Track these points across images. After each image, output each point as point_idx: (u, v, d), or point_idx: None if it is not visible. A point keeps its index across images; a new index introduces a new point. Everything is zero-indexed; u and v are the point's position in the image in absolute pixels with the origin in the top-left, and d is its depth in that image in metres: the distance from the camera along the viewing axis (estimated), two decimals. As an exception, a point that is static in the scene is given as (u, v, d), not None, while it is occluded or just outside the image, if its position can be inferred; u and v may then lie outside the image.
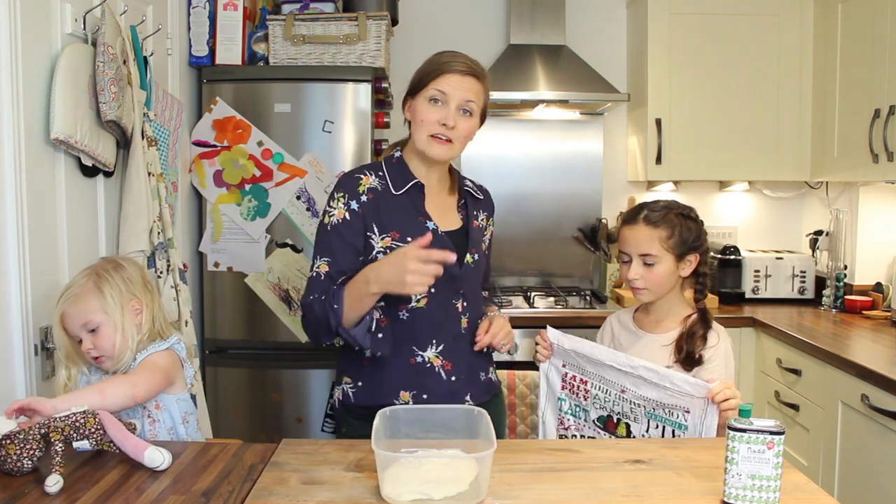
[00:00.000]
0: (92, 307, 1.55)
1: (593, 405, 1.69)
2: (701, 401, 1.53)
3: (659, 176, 3.16)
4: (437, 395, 1.67)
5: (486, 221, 1.85)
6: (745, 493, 1.20)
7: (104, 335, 1.55)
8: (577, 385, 1.72)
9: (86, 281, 1.58)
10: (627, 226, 1.80)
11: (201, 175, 2.78)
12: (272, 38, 2.82)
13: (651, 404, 1.60)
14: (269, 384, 2.82)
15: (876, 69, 2.59)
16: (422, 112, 1.65)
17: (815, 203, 3.41)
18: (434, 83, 1.64)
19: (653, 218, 1.75)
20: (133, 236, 2.10)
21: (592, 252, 3.42)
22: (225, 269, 2.82)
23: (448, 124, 1.63)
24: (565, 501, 1.24)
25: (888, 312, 2.83)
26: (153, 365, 1.57)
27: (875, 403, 2.06)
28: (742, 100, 3.13)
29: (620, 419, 1.64)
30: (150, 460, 1.33)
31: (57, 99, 1.78)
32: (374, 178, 1.70)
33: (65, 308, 1.56)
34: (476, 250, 1.74)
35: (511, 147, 3.42)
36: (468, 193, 1.81)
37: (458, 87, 1.64)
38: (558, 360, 1.76)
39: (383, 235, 1.66)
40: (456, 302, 1.71)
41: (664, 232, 1.73)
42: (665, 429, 1.59)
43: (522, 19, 3.25)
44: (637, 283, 1.76)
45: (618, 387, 1.64)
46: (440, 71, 1.64)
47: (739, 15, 3.11)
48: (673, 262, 1.74)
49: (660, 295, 1.77)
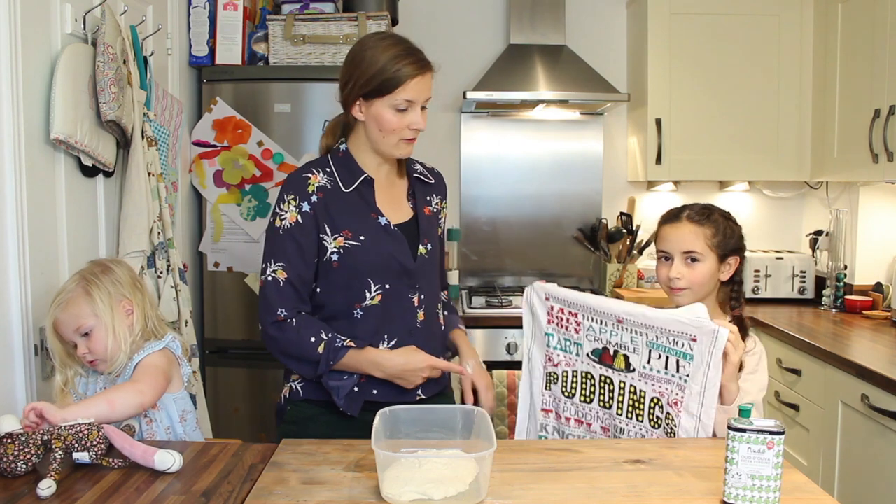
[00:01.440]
0: (83, 312, 1.56)
1: (587, 338, 1.60)
2: (710, 332, 1.44)
3: (659, 176, 3.16)
4: (384, 389, 1.65)
5: (439, 205, 1.82)
6: (745, 493, 1.20)
7: (97, 339, 1.56)
8: (565, 318, 1.63)
9: (75, 286, 1.59)
10: (670, 224, 1.73)
11: (201, 175, 2.78)
12: (272, 38, 2.82)
13: (654, 332, 1.51)
14: (269, 384, 2.82)
15: (876, 69, 2.59)
16: (389, 121, 1.61)
17: (815, 203, 3.41)
18: (401, 92, 1.58)
19: (697, 217, 1.71)
20: (133, 236, 2.10)
21: (592, 252, 3.42)
22: (225, 269, 2.83)
23: (421, 128, 1.63)
24: (565, 501, 1.24)
25: (888, 312, 2.83)
26: (153, 368, 1.57)
27: (875, 403, 2.06)
28: (742, 100, 3.13)
29: (618, 351, 1.56)
30: (161, 463, 1.33)
31: (57, 99, 1.78)
32: (322, 175, 1.67)
33: (56, 314, 1.57)
34: (429, 240, 1.72)
35: (511, 147, 3.42)
36: (417, 180, 1.78)
37: (423, 89, 1.62)
38: (542, 293, 1.68)
39: (335, 235, 1.64)
40: (412, 296, 1.68)
41: (709, 230, 1.68)
42: (669, 359, 1.50)
43: (522, 19, 3.25)
44: (679, 282, 1.67)
45: (613, 316, 1.56)
46: (404, 78, 1.58)
47: (739, 15, 3.11)
48: (715, 263, 1.68)
49: (700, 297, 1.68)
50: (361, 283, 1.64)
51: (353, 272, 1.64)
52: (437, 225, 1.79)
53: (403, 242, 1.67)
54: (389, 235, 1.66)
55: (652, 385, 1.53)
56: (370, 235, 1.64)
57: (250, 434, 2.79)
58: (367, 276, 1.64)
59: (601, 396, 1.59)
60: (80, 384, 1.62)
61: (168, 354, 1.62)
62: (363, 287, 1.64)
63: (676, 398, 1.49)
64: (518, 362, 2.83)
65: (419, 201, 1.75)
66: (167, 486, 1.28)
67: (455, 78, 3.33)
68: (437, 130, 3.36)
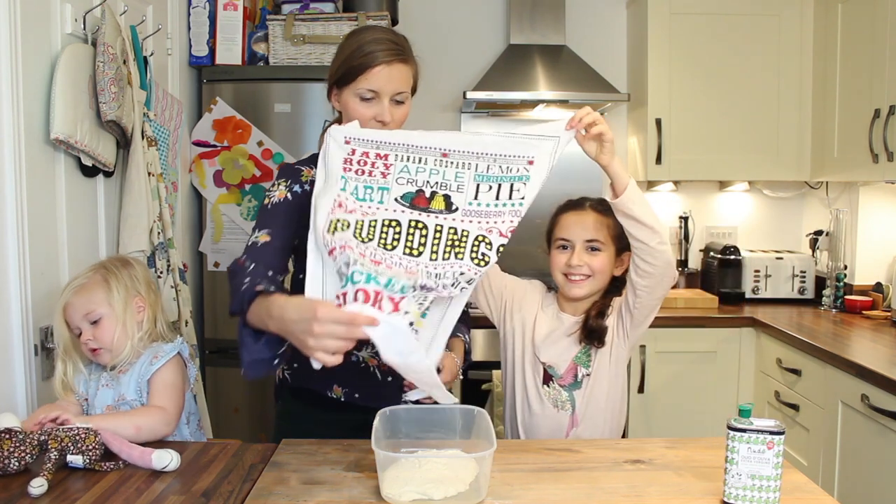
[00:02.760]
0: (97, 298, 1.56)
1: (396, 182, 1.36)
2: (551, 142, 1.38)
3: (659, 176, 3.16)
4: (369, 393, 1.63)
5: None
6: (745, 493, 1.20)
7: (105, 327, 1.55)
8: (370, 162, 1.38)
9: (93, 273, 1.59)
10: (573, 211, 1.75)
11: (201, 175, 2.78)
12: (272, 38, 2.82)
13: (485, 161, 1.37)
14: (269, 384, 2.81)
15: (876, 69, 2.59)
16: (353, 110, 1.54)
17: (815, 203, 3.41)
18: (363, 80, 1.51)
19: (601, 207, 1.70)
20: (133, 236, 2.10)
21: (592, 252, 3.42)
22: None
23: (385, 120, 1.53)
24: (565, 501, 1.24)
25: (888, 312, 2.83)
26: (172, 388, 1.57)
27: (875, 403, 2.06)
28: (742, 100, 3.13)
29: (436, 192, 1.36)
30: (159, 461, 1.33)
31: (57, 99, 1.78)
32: (316, 170, 1.61)
33: (69, 298, 1.56)
34: None
35: (511, 147, 3.42)
36: None
37: (389, 79, 1.52)
38: (340, 136, 1.42)
39: None
40: None
41: (611, 221, 1.65)
42: (501, 187, 1.38)
43: (522, 19, 3.24)
44: (582, 269, 1.67)
45: (437, 150, 1.38)
46: (367, 64, 1.51)
47: (739, 15, 3.11)
48: (613, 255, 1.69)
49: (596, 289, 1.69)
50: None
51: None
52: None
53: None
54: None
55: (478, 222, 1.35)
56: None
57: (250, 434, 2.79)
58: None
59: (408, 243, 1.33)
60: (81, 383, 1.60)
61: (179, 362, 1.62)
62: None
63: (511, 227, 1.37)
64: (518, 362, 2.84)
65: None
66: (167, 486, 1.28)
67: (455, 78, 3.33)
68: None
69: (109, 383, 1.59)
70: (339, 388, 1.65)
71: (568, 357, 1.69)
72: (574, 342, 1.69)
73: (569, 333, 1.70)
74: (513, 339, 1.77)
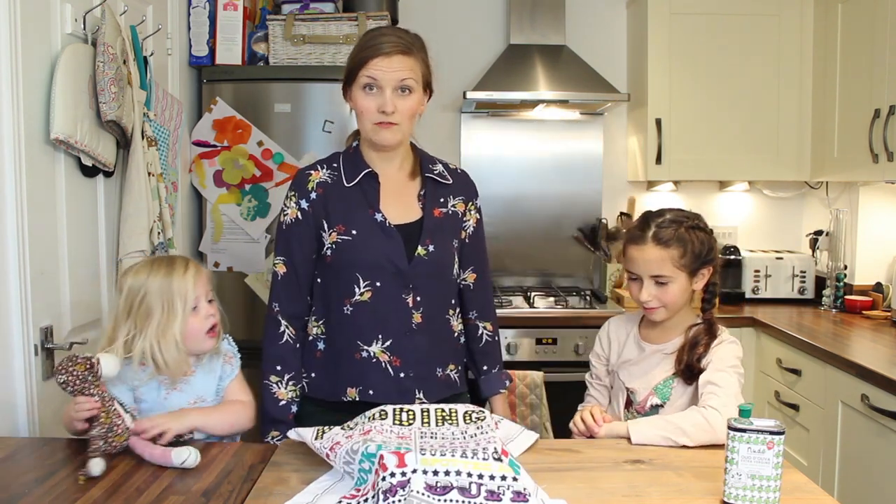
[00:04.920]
0: (207, 286, 1.59)
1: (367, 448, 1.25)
2: None
3: (659, 176, 3.16)
4: (383, 391, 1.64)
5: (461, 207, 1.74)
6: (745, 493, 1.20)
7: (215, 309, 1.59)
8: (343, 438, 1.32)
9: (189, 262, 1.59)
10: (635, 246, 1.66)
11: (201, 175, 2.78)
12: (272, 38, 2.82)
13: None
14: (269, 384, 2.82)
15: (876, 69, 2.59)
16: (359, 102, 1.61)
17: (815, 203, 3.41)
18: (364, 71, 1.58)
19: (663, 237, 1.63)
20: (133, 236, 2.10)
21: (592, 252, 3.42)
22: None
23: (387, 110, 1.58)
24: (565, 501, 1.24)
25: (888, 312, 2.83)
26: (243, 380, 1.66)
27: (875, 403, 2.06)
28: (742, 99, 3.13)
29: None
30: (178, 458, 1.35)
31: (57, 99, 1.78)
32: (326, 171, 1.68)
33: (203, 271, 1.59)
34: (432, 241, 1.66)
35: (511, 147, 3.42)
36: (430, 180, 1.71)
37: (389, 68, 1.57)
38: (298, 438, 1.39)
39: (331, 230, 1.64)
40: (406, 297, 1.65)
41: (676, 251, 1.62)
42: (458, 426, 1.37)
43: (522, 19, 3.25)
44: (651, 303, 1.65)
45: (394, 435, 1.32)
46: (367, 56, 1.58)
47: (739, 15, 3.11)
48: (686, 280, 1.65)
49: (674, 312, 1.68)
50: (350, 278, 1.63)
51: (342, 267, 1.64)
52: (451, 228, 1.72)
53: (399, 242, 1.63)
54: (384, 233, 1.63)
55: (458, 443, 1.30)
56: (362, 231, 1.63)
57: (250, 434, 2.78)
58: (357, 271, 1.63)
59: (396, 420, 1.39)
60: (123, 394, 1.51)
61: None
62: (352, 282, 1.63)
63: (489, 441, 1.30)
64: (518, 362, 2.84)
65: (429, 202, 1.70)
66: (167, 486, 1.28)
67: (455, 78, 3.33)
68: (437, 130, 3.36)
69: (178, 386, 1.54)
70: (353, 389, 1.66)
71: (648, 385, 1.68)
72: (655, 371, 1.68)
73: (651, 362, 1.70)
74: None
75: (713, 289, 1.70)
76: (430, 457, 1.18)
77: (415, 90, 1.61)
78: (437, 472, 1.16)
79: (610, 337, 1.82)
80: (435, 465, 1.17)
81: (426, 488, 1.14)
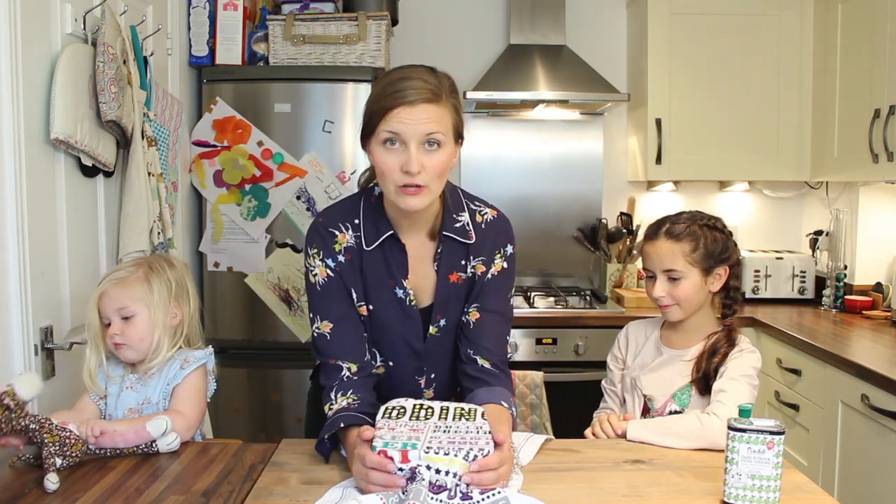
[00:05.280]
0: (135, 295, 1.52)
1: None
2: None
3: (659, 176, 3.16)
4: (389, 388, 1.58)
5: (481, 269, 1.53)
6: (745, 493, 1.20)
7: (136, 326, 1.52)
8: None
9: (136, 269, 1.55)
10: (649, 241, 1.69)
11: (201, 175, 2.78)
12: (272, 38, 2.82)
13: None
14: (269, 384, 2.82)
15: (876, 69, 2.59)
16: (380, 160, 1.37)
17: (815, 203, 3.41)
18: (384, 123, 1.34)
19: (675, 231, 1.65)
20: (133, 236, 2.10)
21: (592, 252, 3.42)
22: (225, 269, 2.83)
23: (412, 171, 1.33)
24: (565, 501, 1.24)
25: (888, 312, 2.83)
26: (194, 392, 1.55)
27: (875, 403, 2.06)
28: (742, 99, 3.13)
29: None
30: (156, 429, 1.35)
31: (57, 99, 1.78)
32: (350, 233, 1.50)
33: (107, 288, 1.53)
34: (443, 315, 1.52)
35: (511, 147, 3.42)
36: (448, 239, 1.51)
37: (413, 121, 1.33)
38: None
39: (359, 304, 1.52)
40: (419, 378, 1.59)
41: (688, 245, 1.63)
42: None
43: (522, 19, 3.25)
44: (664, 300, 1.66)
45: None
46: (387, 107, 1.34)
47: (739, 15, 3.11)
48: (700, 277, 1.64)
49: (690, 312, 1.67)
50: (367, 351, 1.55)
51: None
52: (463, 293, 1.54)
53: (417, 321, 1.52)
54: (403, 312, 1.51)
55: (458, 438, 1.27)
56: (381, 308, 1.51)
57: (250, 434, 2.79)
58: (373, 346, 1.56)
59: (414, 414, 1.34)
60: (102, 380, 1.56)
61: (205, 371, 1.59)
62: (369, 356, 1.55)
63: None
64: (518, 362, 2.84)
65: (443, 266, 1.51)
66: (167, 486, 1.28)
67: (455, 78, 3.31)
68: (437, 130, 3.36)
69: (135, 386, 1.55)
70: None
71: (667, 391, 1.68)
72: (675, 378, 1.67)
73: (670, 368, 1.69)
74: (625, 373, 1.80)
75: (734, 294, 1.69)
76: (434, 455, 1.19)
77: (444, 144, 1.37)
78: (438, 471, 1.18)
79: (629, 339, 1.82)
80: (438, 463, 1.18)
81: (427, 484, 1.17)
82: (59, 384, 1.82)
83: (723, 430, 1.25)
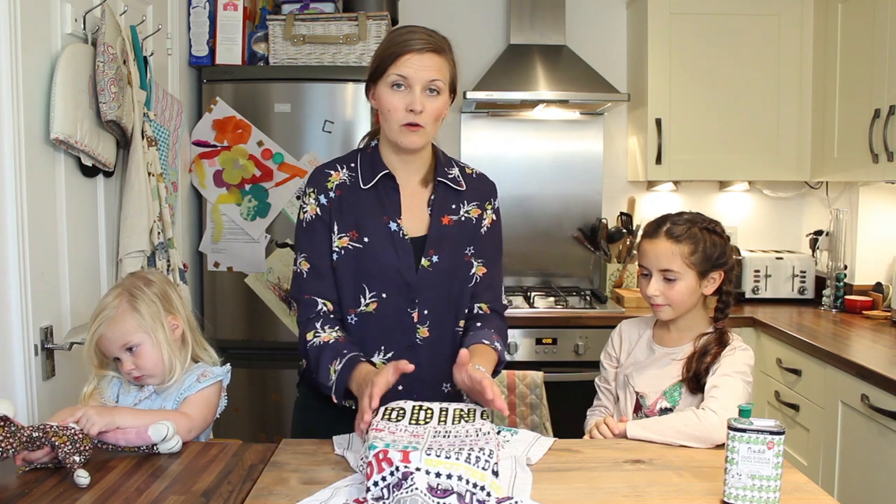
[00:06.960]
0: (129, 327, 1.52)
1: None
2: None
3: (659, 176, 3.16)
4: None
5: (476, 213, 1.67)
6: (745, 493, 1.20)
7: (145, 354, 1.52)
8: None
9: (119, 301, 1.53)
10: (648, 239, 1.70)
11: (201, 175, 2.78)
12: (272, 38, 2.82)
13: None
14: (269, 384, 2.82)
15: (876, 69, 2.59)
16: (386, 100, 1.53)
17: (815, 203, 3.41)
18: (393, 67, 1.52)
19: (675, 232, 1.66)
20: (133, 236, 2.10)
21: (592, 252, 3.42)
22: (225, 269, 2.83)
23: (416, 109, 1.51)
24: (565, 501, 1.24)
25: (888, 312, 2.83)
26: (205, 401, 1.56)
27: (875, 403, 2.06)
28: (742, 100, 3.13)
29: None
30: (157, 434, 1.36)
31: (57, 99, 1.78)
32: (346, 171, 1.63)
33: (102, 331, 1.52)
34: (437, 251, 1.60)
35: (511, 147, 3.42)
36: (442, 185, 1.64)
37: (420, 67, 1.51)
38: None
39: (341, 235, 1.59)
40: (412, 311, 1.59)
41: (687, 247, 1.64)
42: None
43: (522, 19, 3.25)
44: (657, 299, 1.67)
45: None
46: (397, 53, 1.51)
47: (739, 15, 3.11)
48: (695, 279, 1.65)
49: (681, 312, 1.68)
50: (357, 288, 1.59)
51: (350, 274, 1.59)
52: (464, 236, 1.65)
53: (410, 254, 1.58)
54: (395, 244, 1.58)
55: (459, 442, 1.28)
56: (374, 240, 1.58)
57: (250, 434, 2.79)
58: (363, 280, 1.59)
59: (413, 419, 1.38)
60: (111, 387, 1.57)
61: (220, 388, 1.60)
62: (358, 292, 1.59)
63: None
64: (518, 362, 2.84)
65: (437, 209, 1.63)
66: (167, 486, 1.28)
67: (455, 78, 3.33)
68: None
69: (151, 396, 1.56)
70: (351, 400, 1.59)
71: (658, 389, 1.68)
72: (666, 376, 1.68)
73: (661, 366, 1.70)
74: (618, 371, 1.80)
75: (727, 298, 1.70)
76: (435, 458, 1.18)
77: (442, 92, 1.55)
78: (439, 475, 1.17)
79: (622, 337, 1.83)
80: (438, 466, 1.17)
81: (427, 489, 1.16)
82: (59, 384, 1.82)
83: (719, 424, 1.25)
